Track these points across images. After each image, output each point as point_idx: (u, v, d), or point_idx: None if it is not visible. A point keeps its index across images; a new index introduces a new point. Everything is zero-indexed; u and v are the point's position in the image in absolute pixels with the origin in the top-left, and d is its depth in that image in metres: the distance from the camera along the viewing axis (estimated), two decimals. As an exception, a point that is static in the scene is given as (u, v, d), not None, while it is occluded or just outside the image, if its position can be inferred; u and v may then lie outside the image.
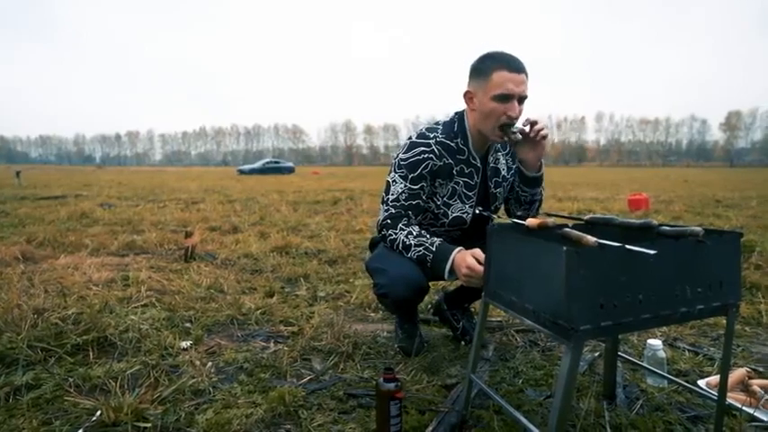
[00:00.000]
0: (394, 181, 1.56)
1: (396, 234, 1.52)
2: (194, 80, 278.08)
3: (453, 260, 1.39)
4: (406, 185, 1.54)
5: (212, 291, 2.36)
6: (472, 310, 1.99)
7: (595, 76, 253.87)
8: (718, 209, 6.66)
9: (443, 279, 1.46)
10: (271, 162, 34.18)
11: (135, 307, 2.06)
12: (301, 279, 2.71)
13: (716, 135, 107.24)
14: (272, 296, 2.38)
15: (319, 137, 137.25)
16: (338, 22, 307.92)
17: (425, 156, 1.52)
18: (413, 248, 1.48)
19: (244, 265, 3.03)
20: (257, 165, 33.29)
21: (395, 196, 1.55)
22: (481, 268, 1.28)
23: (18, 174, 13.94)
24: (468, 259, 1.35)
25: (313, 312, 2.04)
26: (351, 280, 2.69)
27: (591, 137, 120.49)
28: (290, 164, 35.79)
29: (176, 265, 3.14)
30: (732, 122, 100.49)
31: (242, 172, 31.04)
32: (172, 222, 4.94)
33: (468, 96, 1.51)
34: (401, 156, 1.55)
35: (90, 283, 2.48)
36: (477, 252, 1.35)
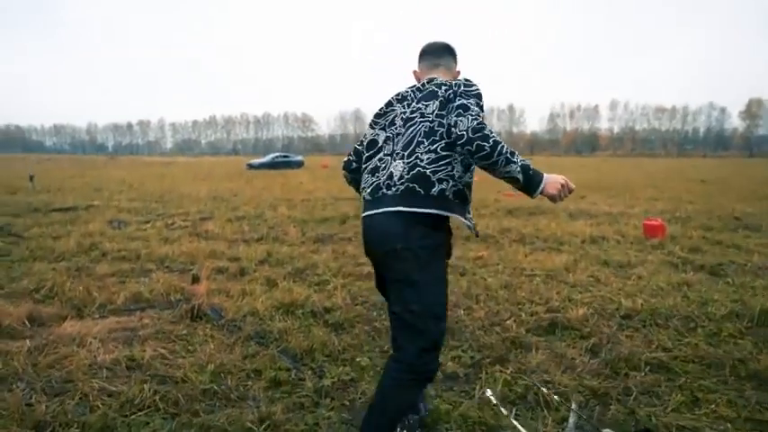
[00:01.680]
0: (469, 102, 1.56)
1: (500, 138, 1.49)
2: (204, 69, 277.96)
3: (548, 178, 1.51)
4: (480, 111, 1.57)
5: (215, 385, 2.31)
6: None
7: (611, 63, 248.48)
8: (737, 233, 6.47)
9: (529, 196, 1.53)
10: (279, 156, 34.20)
11: (138, 415, 2.02)
12: (307, 357, 2.66)
13: (735, 123, 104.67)
14: (277, 384, 2.34)
15: (329, 125, 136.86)
16: (348, 14, 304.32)
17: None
18: (518, 156, 1.50)
19: (249, 333, 2.99)
20: (266, 159, 33.32)
21: (477, 111, 1.55)
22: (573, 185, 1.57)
23: (32, 178, 14.07)
24: (560, 177, 1.53)
25: (318, 424, 1.99)
26: (357, 359, 2.63)
27: (604, 125, 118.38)
28: (300, 157, 35.78)
29: (182, 326, 3.11)
30: (753, 110, 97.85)
31: (251, 167, 31.07)
32: (179, 258, 4.92)
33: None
34: (464, 89, 1.61)
35: (95, 366, 2.46)
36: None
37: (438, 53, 1.85)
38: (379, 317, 3.28)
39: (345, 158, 1.94)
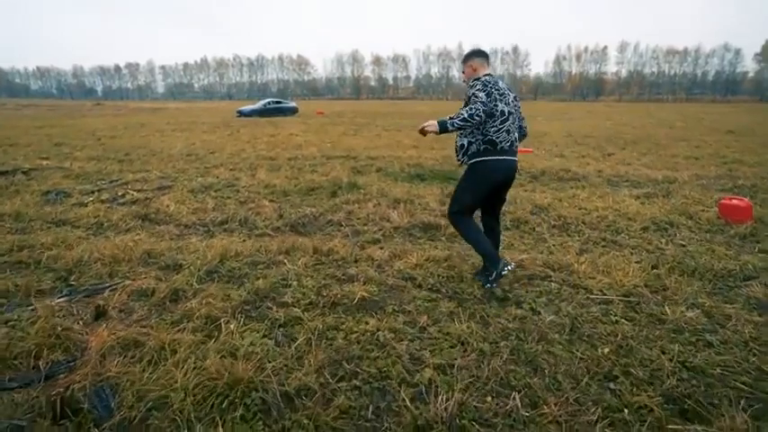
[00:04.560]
0: None
1: None
2: (193, 8, 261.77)
3: None
4: None
5: None
6: None
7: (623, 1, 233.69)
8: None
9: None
10: (272, 102, 31.66)
11: None
12: None
13: (748, 66, 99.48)
14: None
15: (325, 68, 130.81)
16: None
17: None
18: None
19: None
20: (258, 105, 30.89)
21: None
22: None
23: (-19, 130, 12.32)
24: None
25: None
26: None
27: (612, 68, 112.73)
28: (293, 104, 33.31)
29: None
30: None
31: (241, 114, 28.90)
32: (95, 266, 3.48)
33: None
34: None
35: None
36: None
37: (487, 57, 3.12)
38: (377, 420, 1.90)
39: (482, 114, 2.78)
